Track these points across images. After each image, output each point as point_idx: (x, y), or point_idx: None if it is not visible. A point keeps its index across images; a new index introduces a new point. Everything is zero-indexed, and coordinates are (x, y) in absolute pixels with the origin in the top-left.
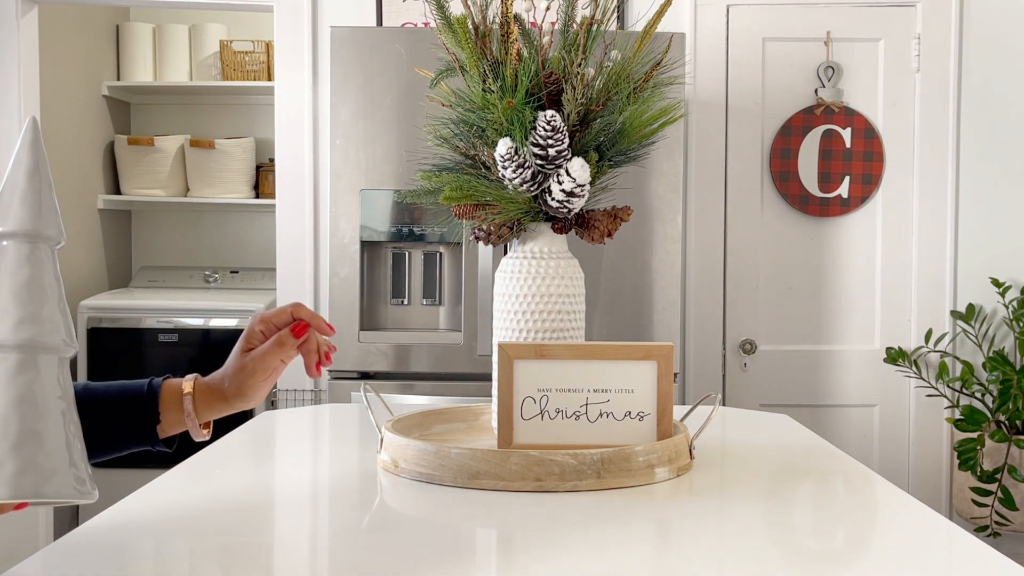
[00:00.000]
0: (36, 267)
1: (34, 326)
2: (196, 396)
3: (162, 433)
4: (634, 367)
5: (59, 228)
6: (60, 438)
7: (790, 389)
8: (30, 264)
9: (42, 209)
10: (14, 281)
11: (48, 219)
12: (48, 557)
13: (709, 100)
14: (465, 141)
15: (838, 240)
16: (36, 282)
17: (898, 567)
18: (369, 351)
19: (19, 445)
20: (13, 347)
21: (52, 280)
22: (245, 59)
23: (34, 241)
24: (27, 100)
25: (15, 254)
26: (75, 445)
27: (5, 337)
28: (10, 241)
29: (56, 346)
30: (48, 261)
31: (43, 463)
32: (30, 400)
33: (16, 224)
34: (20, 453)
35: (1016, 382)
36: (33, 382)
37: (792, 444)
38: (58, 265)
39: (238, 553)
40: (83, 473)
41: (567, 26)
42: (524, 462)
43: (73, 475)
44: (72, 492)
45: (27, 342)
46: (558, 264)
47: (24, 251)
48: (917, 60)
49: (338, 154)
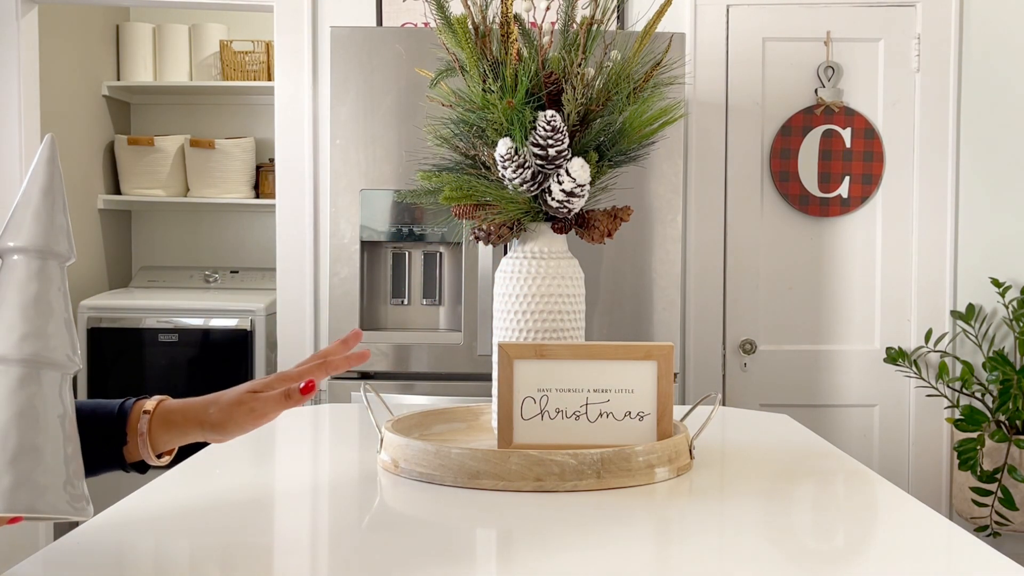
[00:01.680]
0: (44, 283)
1: (38, 341)
2: (158, 416)
3: (129, 456)
4: (634, 367)
5: (70, 245)
6: (59, 454)
7: (790, 389)
8: (39, 280)
9: (54, 226)
10: (22, 296)
11: (59, 236)
12: (48, 557)
13: (709, 100)
14: (465, 141)
15: (838, 240)
16: (43, 298)
17: (898, 567)
18: (369, 351)
19: (16, 459)
20: (16, 361)
21: (59, 297)
22: (245, 59)
23: (44, 257)
24: (27, 100)
25: (25, 269)
26: (73, 462)
27: (9, 351)
28: (21, 256)
29: (60, 362)
30: (57, 278)
31: (39, 478)
32: (31, 415)
33: (27, 240)
34: (17, 467)
35: (1016, 382)
36: (35, 397)
37: (792, 444)
38: (67, 282)
39: (238, 553)
40: (79, 490)
41: (567, 26)
42: (524, 462)
43: (69, 492)
44: (67, 508)
45: (31, 357)
46: (558, 264)
47: (34, 267)
48: (917, 60)
49: (338, 154)
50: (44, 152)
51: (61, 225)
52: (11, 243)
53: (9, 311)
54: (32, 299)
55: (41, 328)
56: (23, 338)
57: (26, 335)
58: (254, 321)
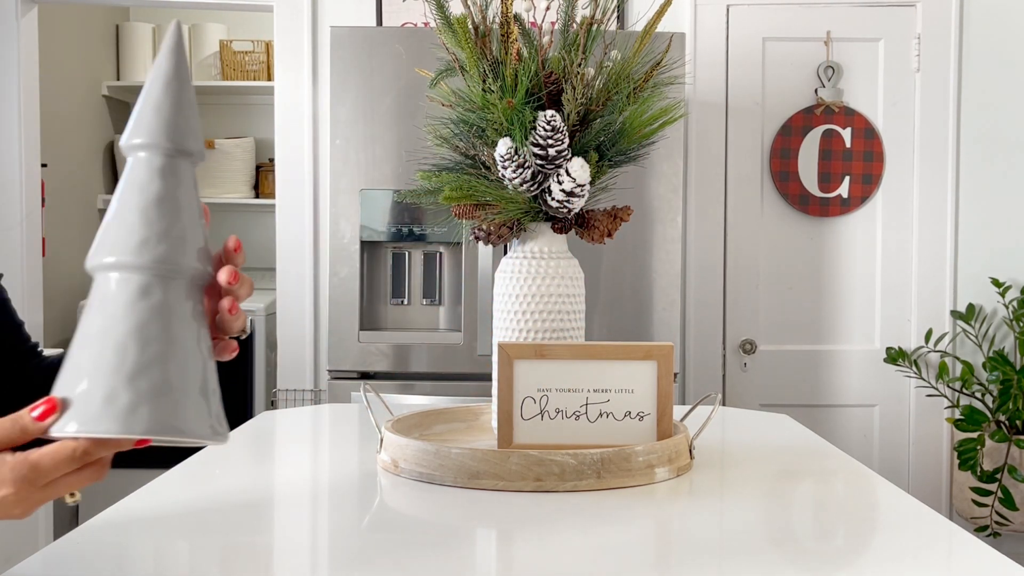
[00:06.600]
0: (170, 182)
1: (160, 246)
2: None
3: None
4: (634, 367)
5: (199, 143)
6: (186, 371)
7: (790, 389)
8: (163, 178)
9: (179, 120)
10: (143, 196)
11: (186, 131)
12: (48, 557)
13: (709, 100)
14: (465, 141)
15: (838, 240)
16: (168, 198)
17: (898, 567)
18: (369, 351)
19: (135, 377)
20: (137, 268)
21: (189, 197)
22: (245, 59)
23: (170, 155)
24: (27, 100)
25: (147, 167)
26: (205, 379)
27: (126, 257)
28: (144, 153)
29: (186, 269)
30: (186, 177)
31: (165, 397)
32: (152, 328)
33: (149, 135)
34: (136, 385)
35: (1016, 382)
36: (158, 307)
37: (792, 444)
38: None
39: (238, 553)
40: (212, 411)
41: (567, 26)
42: (524, 462)
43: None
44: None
45: (151, 264)
46: (558, 264)
47: (156, 164)
48: (917, 60)
49: (338, 154)
50: (169, 39)
51: (188, 119)
52: (134, 140)
53: (129, 213)
54: (154, 199)
55: (164, 231)
56: (143, 243)
57: (146, 239)
58: (254, 321)
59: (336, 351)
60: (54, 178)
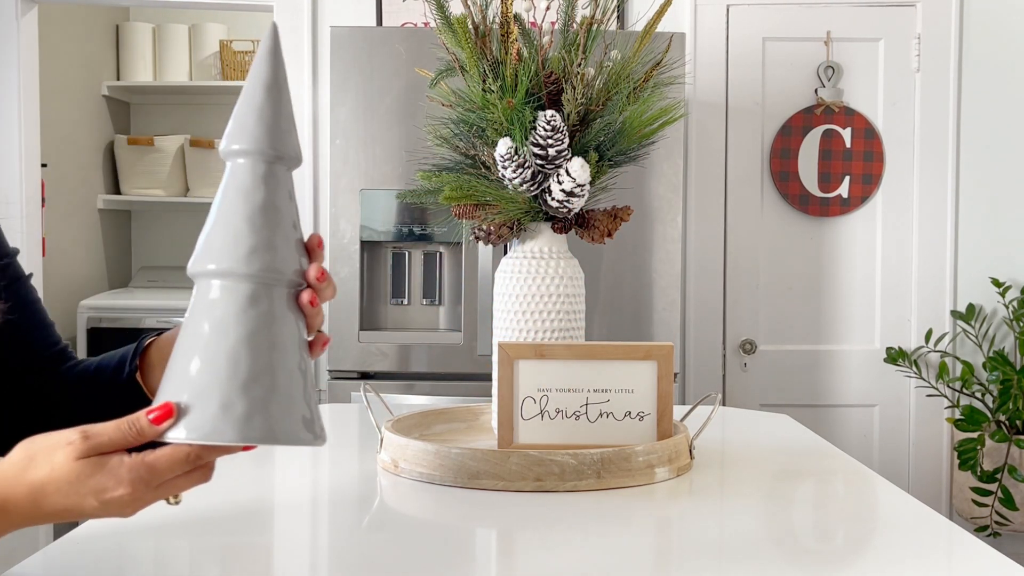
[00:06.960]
0: (272, 189)
1: (267, 254)
2: None
3: None
4: (634, 367)
5: (297, 148)
6: (293, 378)
7: (790, 389)
8: (266, 185)
9: (280, 126)
10: (249, 204)
11: (286, 137)
12: (48, 557)
13: (709, 100)
14: (465, 141)
15: (838, 240)
16: (272, 206)
17: (898, 567)
18: (369, 351)
19: (249, 385)
20: (245, 277)
21: (288, 204)
22: (245, 59)
23: (271, 161)
24: (27, 100)
25: (251, 174)
26: (308, 386)
27: (237, 266)
28: (246, 160)
29: (290, 277)
30: (284, 183)
31: (275, 404)
32: (262, 335)
33: (252, 142)
34: (250, 393)
35: (1016, 382)
36: (266, 315)
37: (792, 444)
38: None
39: (238, 554)
40: (315, 416)
41: (567, 26)
42: (524, 462)
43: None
44: (303, 436)
45: (260, 272)
46: (558, 264)
47: (260, 171)
48: (917, 60)
49: (338, 154)
50: (266, 43)
51: (288, 125)
52: (235, 146)
53: (237, 221)
54: (260, 207)
55: (270, 240)
56: (252, 251)
57: (255, 248)
58: None
59: (336, 351)
60: (54, 178)
